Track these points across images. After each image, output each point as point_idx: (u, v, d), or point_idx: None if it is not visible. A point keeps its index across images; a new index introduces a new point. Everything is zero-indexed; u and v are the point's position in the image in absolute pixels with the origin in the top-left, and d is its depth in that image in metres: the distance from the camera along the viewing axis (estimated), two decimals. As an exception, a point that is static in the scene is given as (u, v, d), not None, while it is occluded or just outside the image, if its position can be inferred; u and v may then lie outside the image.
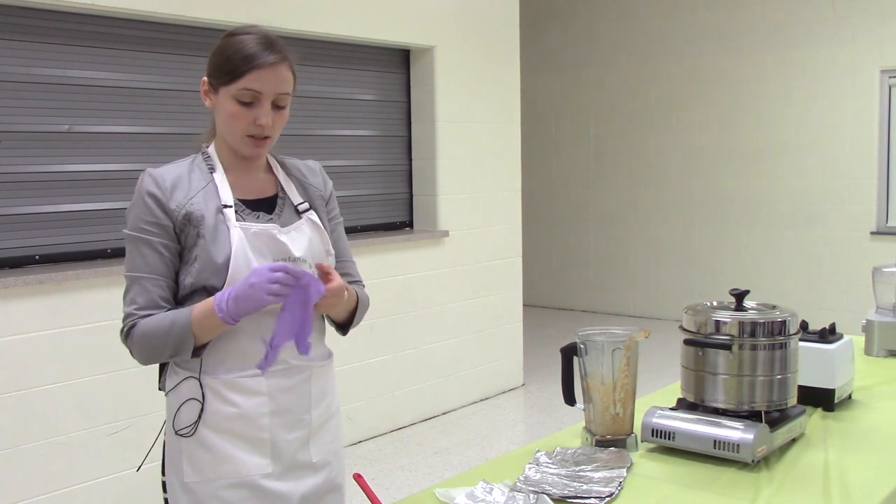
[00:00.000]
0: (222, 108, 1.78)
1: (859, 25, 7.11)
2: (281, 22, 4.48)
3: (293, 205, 1.88)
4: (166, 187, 1.76)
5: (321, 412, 1.90)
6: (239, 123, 1.77)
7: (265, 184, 1.89)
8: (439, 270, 5.52)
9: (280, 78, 1.78)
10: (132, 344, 1.76)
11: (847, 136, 7.25)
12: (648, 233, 8.50)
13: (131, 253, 1.77)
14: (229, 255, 1.73)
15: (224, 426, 1.77)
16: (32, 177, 3.78)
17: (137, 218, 1.76)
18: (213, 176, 1.81)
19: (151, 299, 1.75)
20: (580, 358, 2.03)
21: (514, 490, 1.71)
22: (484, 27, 5.78)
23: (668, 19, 8.15)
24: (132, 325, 1.74)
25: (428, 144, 5.52)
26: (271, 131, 1.80)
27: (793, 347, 1.99)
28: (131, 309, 1.75)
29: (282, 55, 1.79)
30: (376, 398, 5.13)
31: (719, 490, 1.76)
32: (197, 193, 1.78)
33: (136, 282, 1.75)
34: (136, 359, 1.79)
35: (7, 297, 3.48)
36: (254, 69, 1.74)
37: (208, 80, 1.81)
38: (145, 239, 1.75)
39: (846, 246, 7.31)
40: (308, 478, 1.86)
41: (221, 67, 1.77)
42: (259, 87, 1.75)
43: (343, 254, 1.98)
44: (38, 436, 3.56)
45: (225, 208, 1.78)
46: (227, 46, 1.78)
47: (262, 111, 1.76)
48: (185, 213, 1.75)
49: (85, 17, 3.90)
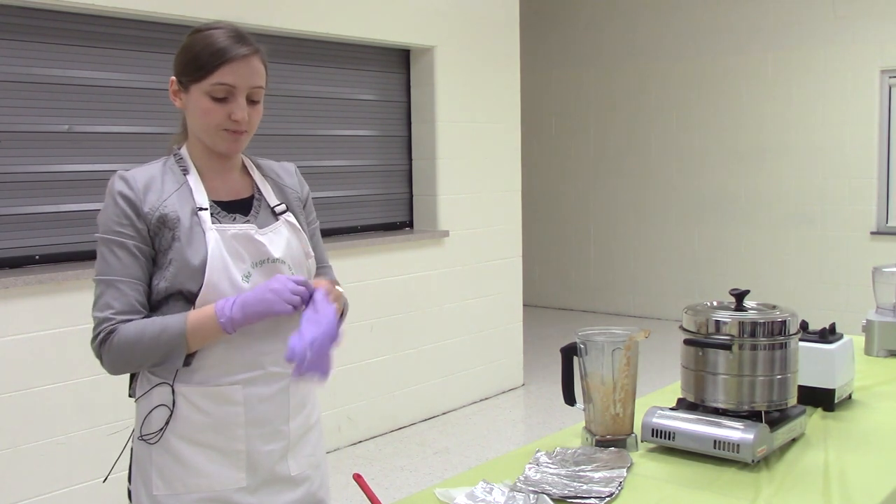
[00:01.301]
0: (195, 105, 1.72)
1: (859, 25, 7.11)
2: (281, 22, 4.48)
3: (269, 206, 1.83)
4: (139, 189, 1.70)
5: (300, 423, 1.82)
6: (213, 119, 1.71)
7: (240, 185, 1.84)
8: (439, 270, 5.52)
9: (253, 70, 1.72)
10: (109, 351, 1.66)
11: (847, 136, 7.26)
12: (649, 233, 8.50)
13: (104, 256, 1.69)
14: (205, 258, 1.68)
15: (196, 437, 1.70)
16: (32, 177, 3.78)
17: (110, 220, 1.70)
18: (186, 178, 1.76)
19: (129, 303, 1.68)
20: (580, 358, 2.03)
21: (515, 490, 1.71)
22: (484, 27, 5.78)
23: (668, 19, 8.15)
24: (110, 331, 1.65)
25: (428, 144, 5.52)
26: (248, 126, 1.74)
27: (793, 347, 1.99)
28: (106, 314, 1.67)
29: (253, 47, 1.73)
30: (376, 398, 5.13)
31: (719, 490, 1.76)
32: (170, 195, 1.72)
33: (112, 286, 1.68)
34: (107, 367, 1.69)
35: (7, 297, 3.48)
36: (226, 63, 1.68)
37: (177, 79, 1.75)
38: (119, 241, 1.68)
39: (846, 246, 7.31)
40: (286, 492, 1.78)
41: (191, 64, 1.71)
42: (232, 81, 1.70)
43: (321, 259, 1.94)
44: (39, 436, 3.56)
45: (200, 210, 1.72)
46: (195, 42, 1.72)
47: (236, 105, 1.71)
48: (159, 216, 1.69)
49: (85, 17, 3.90)
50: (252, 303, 1.64)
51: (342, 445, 4.92)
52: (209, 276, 1.68)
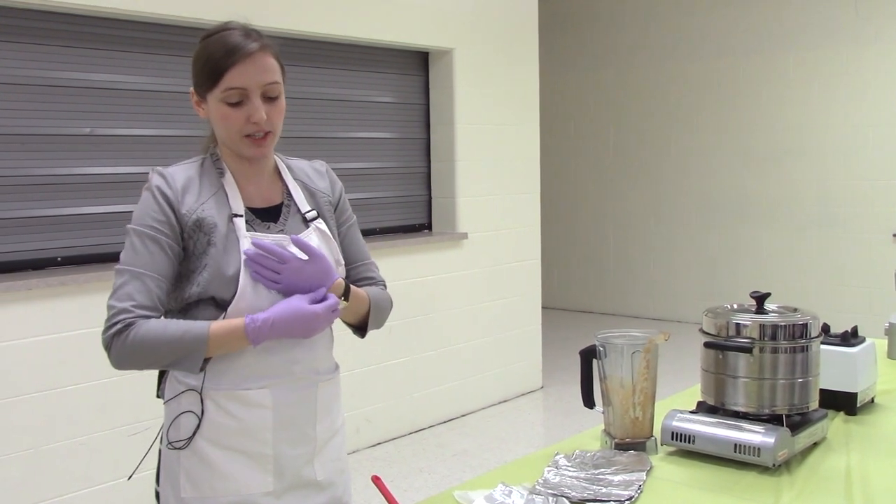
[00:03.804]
0: (214, 114, 1.70)
1: (882, 25, 7.05)
2: (299, 25, 4.50)
3: (300, 213, 1.81)
4: (177, 188, 1.68)
5: (326, 427, 1.82)
6: (234, 125, 1.68)
7: (272, 190, 1.81)
8: (458, 273, 5.52)
9: (262, 67, 1.68)
10: (123, 345, 1.60)
11: (869, 138, 7.19)
12: (668, 235, 8.46)
13: (134, 246, 1.65)
14: (239, 267, 1.67)
15: (225, 441, 1.70)
16: (55, 179, 3.82)
17: (146, 214, 1.67)
18: (222, 182, 1.74)
19: (151, 299, 1.63)
20: (599, 360, 2.02)
21: (533, 493, 1.70)
22: (503, 29, 5.78)
23: (687, 20, 8.11)
24: (128, 324, 1.60)
25: (447, 147, 5.52)
26: (269, 125, 1.70)
27: (814, 350, 1.98)
28: (126, 304, 1.61)
29: (259, 43, 1.68)
30: (395, 400, 5.13)
31: (739, 494, 1.75)
32: (208, 199, 1.70)
33: (137, 277, 1.63)
34: (113, 360, 1.63)
35: (30, 299, 3.51)
36: (232, 66, 1.65)
37: (195, 90, 1.73)
38: (152, 235, 1.65)
39: (868, 248, 7.24)
40: (312, 497, 1.78)
41: (201, 73, 1.69)
42: (242, 83, 1.66)
43: (362, 255, 1.93)
44: (60, 436, 3.59)
45: (235, 217, 1.71)
46: (202, 51, 1.70)
47: (252, 107, 1.67)
48: (196, 219, 1.67)
49: (107, 20, 3.93)
50: (281, 327, 1.65)
51: (361, 447, 4.93)
52: (242, 285, 1.66)
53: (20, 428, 3.48)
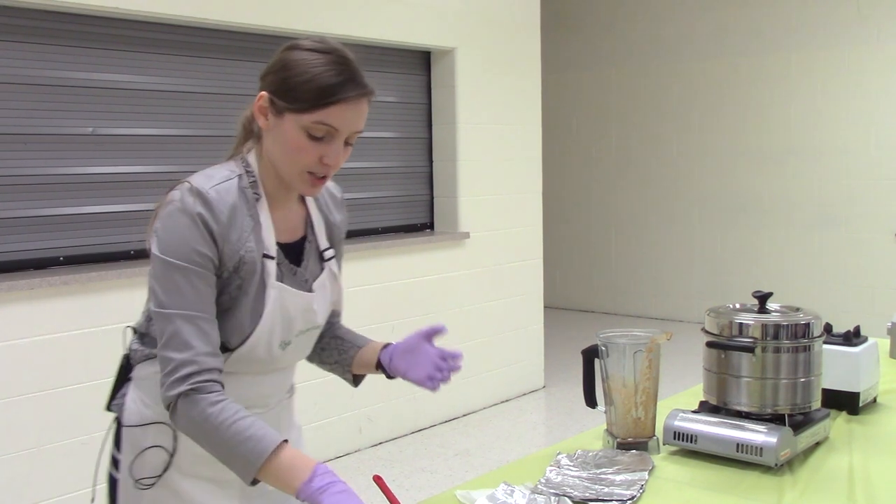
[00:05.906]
0: (285, 136, 1.51)
1: (885, 25, 7.04)
2: (302, 24, 4.50)
3: (319, 250, 1.70)
4: (224, 222, 1.49)
5: (294, 440, 1.77)
6: (304, 159, 1.52)
7: (296, 220, 1.68)
8: (460, 272, 5.52)
9: (360, 114, 1.55)
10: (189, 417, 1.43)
11: (873, 137, 7.18)
12: (671, 234, 8.45)
13: (178, 285, 1.45)
14: (258, 321, 1.55)
15: (194, 470, 1.62)
16: (57, 179, 3.82)
17: (185, 244, 1.46)
18: (257, 208, 1.57)
19: (212, 343, 1.47)
20: (601, 360, 2.02)
21: (536, 492, 1.70)
22: (505, 28, 5.77)
23: (690, 20, 8.10)
24: (201, 381, 1.43)
25: (449, 146, 5.52)
26: (334, 169, 1.57)
27: (817, 350, 1.97)
28: (188, 355, 1.43)
29: (366, 88, 1.54)
30: (397, 399, 5.13)
31: (742, 494, 1.75)
32: (249, 235, 1.53)
33: (191, 321, 1.45)
34: (178, 426, 1.49)
35: (32, 298, 3.51)
36: (335, 104, 1.49)
37: (270, 98, 1.52)
38: (199, 272, 1.47)
39: (870, 248, 7.24)
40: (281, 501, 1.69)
41: (293, 92, 1.49)
42: (337, 124, 1.51)
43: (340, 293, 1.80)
44: (62, 436, 3.60)
45: (266, 258, 1.56)
46: (299, 66, 1.50)
47: (332, 149, 1.53)
48: (238, 259, 1.51)
49: (109, 20, 3.93)
50: None
51: (363, 447, 4.93)
52: (252, 339, 1.56)
53: (20, 428, 3.48)
